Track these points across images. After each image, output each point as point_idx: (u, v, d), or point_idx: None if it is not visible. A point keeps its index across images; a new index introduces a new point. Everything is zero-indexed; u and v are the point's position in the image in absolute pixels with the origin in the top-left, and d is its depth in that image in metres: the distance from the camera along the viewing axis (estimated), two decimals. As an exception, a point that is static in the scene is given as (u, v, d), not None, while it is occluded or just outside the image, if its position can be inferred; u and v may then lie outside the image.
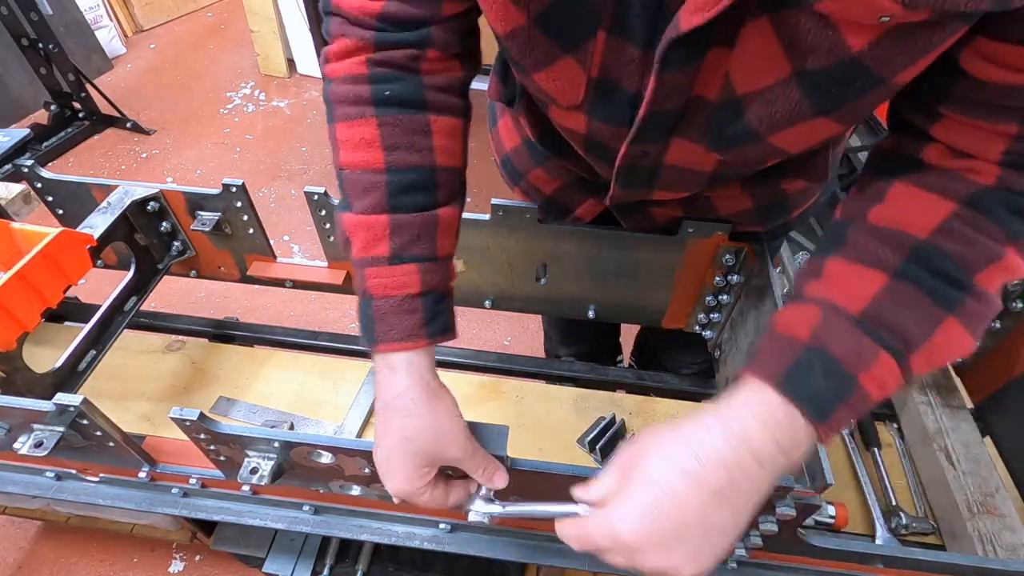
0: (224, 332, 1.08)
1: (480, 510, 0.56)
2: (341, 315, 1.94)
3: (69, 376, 0.78)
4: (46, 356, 0.79)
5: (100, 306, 0.83)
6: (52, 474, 0.77)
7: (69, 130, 2.58)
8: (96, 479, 0.76)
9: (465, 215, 0.83)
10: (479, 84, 0.62)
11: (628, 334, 1.32)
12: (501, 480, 0.54)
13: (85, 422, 0.63)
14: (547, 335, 1.34)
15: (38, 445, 0.63)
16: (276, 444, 0.61)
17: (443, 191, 0.54)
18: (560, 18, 0.45)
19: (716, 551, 0.41)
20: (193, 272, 0.99)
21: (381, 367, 0.52)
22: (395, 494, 0.53)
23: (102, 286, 0.88)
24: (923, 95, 0.45)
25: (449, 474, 0.56)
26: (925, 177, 0.45)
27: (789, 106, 0.45)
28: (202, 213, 0.88)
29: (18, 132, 0.94)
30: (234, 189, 0.85)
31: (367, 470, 0.63)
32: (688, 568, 0.40)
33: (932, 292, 0.42)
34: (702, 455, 0.40)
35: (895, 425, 0.92)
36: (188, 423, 0.59)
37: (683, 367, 1.09)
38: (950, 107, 0.43)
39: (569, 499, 0.47)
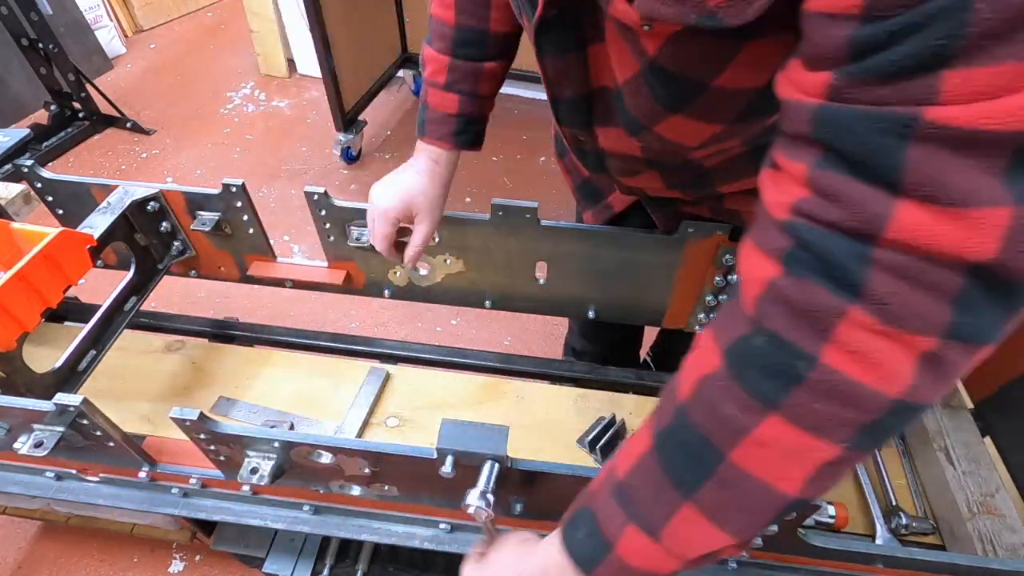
0: (224, 332, 1.08)
1: (473, 503, 0.56)
2: (341, 315, 1.94)
3: (69, 376, 0.78)
4: (46, 356, 0.79)
5: (100, 306, 0.83)
6: (52, 474, 0.77)
7: (69, 130, 2.58)
8: (96, 479, 0.76)
9: (465, 215, 0.84)
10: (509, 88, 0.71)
11: (650, 328, 1.29)
12: (414, 262, 0.75)
13: (85, 422, 0.63)
14: (570, 327, 1.34)
15: (38, 445, 0.63)
16: (276, 444, 0.61)
17: (491, 49, 0.69)
18: None
19: None
20: (193, 272, 0.99)
21: (420, 150, 0.73)
22: (375, 204, 0.73)
23: (102, 286, 0.88)
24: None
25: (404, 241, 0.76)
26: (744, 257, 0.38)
27: (647, 101, 0.50)
28: (202, 213, 0.88)
29: (18, 132, 0.94)
30: (234, 189, 0.85)
31: (367, 470, 0.63)
32: None
33: (674, 468, 0.37)
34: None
35: None
36: (188, 423, 0.59)
37: None
38: (775, 140, 0.36)
39: None
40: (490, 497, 0.55)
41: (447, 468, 0.57)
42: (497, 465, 0.57)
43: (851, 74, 0.29)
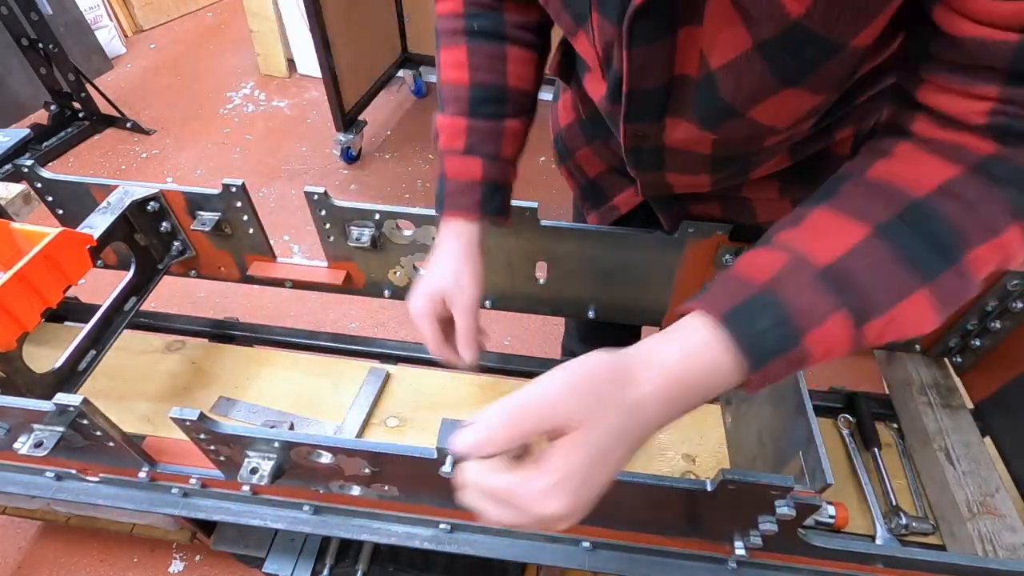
0: (224, 332, 1.08)
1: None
2: (341, 315, 1.94)
3: (69, 376, 0.78)
4: (46, 356, 0.79)
5: (100, 306, 0.83)
6: (52, 474, 0.77)
7: (69, 130, 2.58)
8: (96, 479, 0.76)
9: (465, 215, 0.84)
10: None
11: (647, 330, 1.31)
12: (468, 352, 0.66)
13: (85, 422, 0.63)
14: (567, 331, 1.33)
15: (38, 445, 0.63)
16: (276, 444, 0.61)
17: (511, 106, 0.65)
18: None
19: (598, 489, 0.39)
20: (193, 272, 0.99)
21: (443, 229, 0.67)
22: (410, 311, 0.66)
23: (102, 286, 0.88)
24: (908, 58, 0.43)
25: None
26: (927, 143, 0.42)
27: (755, 78, 0.46)
28: (202, 213, 0.88)
29: (18, 132, 0.94)
30: (234, 189, 0.85)
31: (367, 470, 0.63)
32: (572, 512, 0.37)
33: (912, 257, 0.38)
34: (635, 427, 0.38)
35: (895, 425, 0.92)
36: (188, 423, 0.59)
37: None
38: (929, 69, 0.40)
39: None
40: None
41: (447, 468, 0.57)
42: (497, 465, 0.57)
43: None
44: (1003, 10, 0.34)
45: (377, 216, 0.85)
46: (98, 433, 0.65)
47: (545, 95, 0.72)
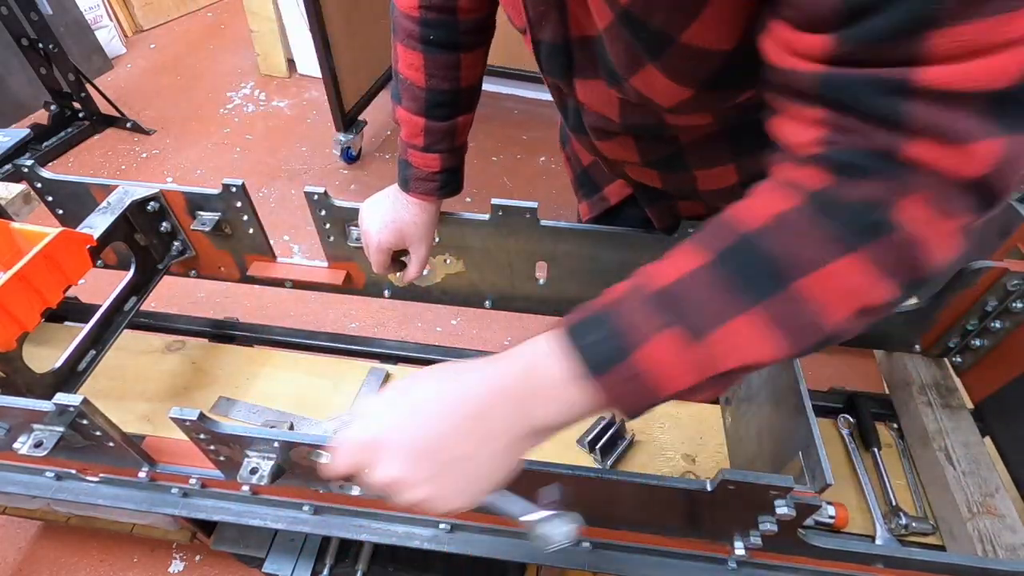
0: (224, 332, 1.08)
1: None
2: (341, 315, 1.94)
3: (69, 376, 0.78)
4: (46, 356, 0.78)
5: (100, 306, 0.83)
6: (52, 474, 0.77)
7: (69, 130, 2.58)
8: (96, 479, 0.76)
9: (465, 215, 0.85)
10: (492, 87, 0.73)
11: None
12: (412, 274, 0.83)
13: (85, 422, 0.63)
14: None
15: (38, 445, 0.63)
16: (276, 444, 0.61)
17: (463, 105, 0.73)
18: None
19: (463, 483, 0.43)
20: (193, 272, 0.99)
21: (402, 197, 0.77)
22: (363, 241, 0.81)
23: (102, 286, 0.88)
24: (763, 85, 0.42)
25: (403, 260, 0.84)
26: (778, 182, 0.41)
27: (624, 48, 0.49)
28: (202, 213, 0.88)
29: (18, 132, 0.94)
30: (234, 189, 0.85)
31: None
32: (436, 496, 0.42)
33: (740, 281, 0.39)
34: (453, 387, 0.43)
35: (895, 425, 0.92)
36: (188, 423, 0.59)
37: None
38: (772, 98, 0.41)
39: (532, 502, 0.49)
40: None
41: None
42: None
43: (848, 39, 0.33)
44: (807, 42, 0.35)
45: (377, 216, 0.85)
46: (98, 433, 0.65)
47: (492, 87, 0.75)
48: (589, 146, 0.73)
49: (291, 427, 0.89)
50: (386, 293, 0.97)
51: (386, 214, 0.78)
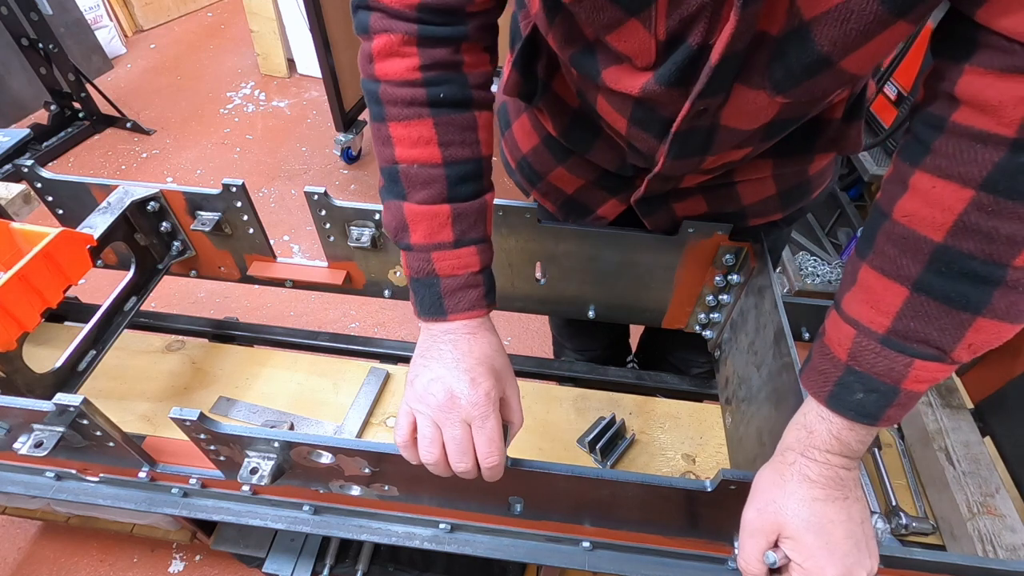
0: (224, 332, 1.08)
1: None
2: (341, 315, 1.94)
3: (69, 376, 0.78)
4: (46, 356, 0.79)
5: (100, 306, 0.83)
6: (52, 474, 0.77)
7: (69, 130, 2.58)
8: (96, 479, 0.76)
9: (465, 215, 0.84)
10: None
11: (634, 331, 1.31)
12: (517, 419, 0.60)
13: (85, 422, 0.63)
14: (555, 340, 1.32)
15: (38, 445, 0.63)
16: (276, 444, 0.61)
17: (486, 178, 0.59)
18: None
19: (865, 547, 0.51)
20: (193, 272, 0.99)
21: (449, 334, 0.57)
22: (472, 403, 0.53)
23: (102, 286, 0.88)
24: (956, 28, 0.42)
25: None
26: (941, 158, 0.43)
27: (866, 17, 0.43)
28: (202, 213, 0.88)
29: (18, 132, 0.95)
30: (234, 189, 0.85)
31: (367, 470, 0.63)
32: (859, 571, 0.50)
33: (953, 299, 0.43)
34: (822, 494, 0.50)
35: (895, 425, 0.92)
36: (188, 423, 0.59)
37: (693, 366, 1.09)
38: (971, 59, 0.41)
39: None
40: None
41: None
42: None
43: None
44: None
45: (377, 216, 0.85)
46: (98, 433, 0.65)
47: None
48: (683, 167, 0.63)
49: (291, 427, 0.89)
50: (386, 293, 0.97)
51: (476, 364, 0.55)
